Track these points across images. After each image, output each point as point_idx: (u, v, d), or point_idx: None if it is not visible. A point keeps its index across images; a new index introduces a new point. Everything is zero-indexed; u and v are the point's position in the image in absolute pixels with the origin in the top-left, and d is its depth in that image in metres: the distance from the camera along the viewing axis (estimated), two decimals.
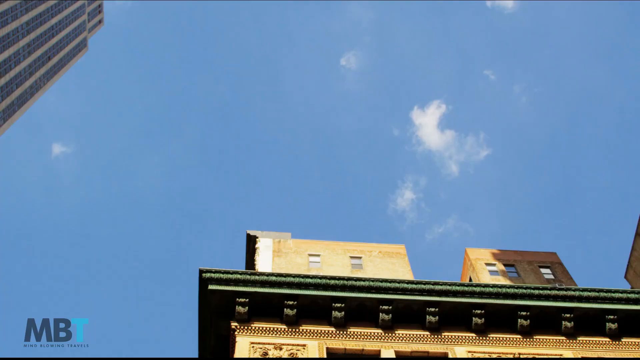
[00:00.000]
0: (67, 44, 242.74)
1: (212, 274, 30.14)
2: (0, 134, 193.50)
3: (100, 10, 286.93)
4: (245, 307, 29.37)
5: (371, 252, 41.72)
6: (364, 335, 29.14)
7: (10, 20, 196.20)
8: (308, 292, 29.95)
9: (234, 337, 28.61)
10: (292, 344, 28.23)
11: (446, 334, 29.67)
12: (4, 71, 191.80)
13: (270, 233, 43.99)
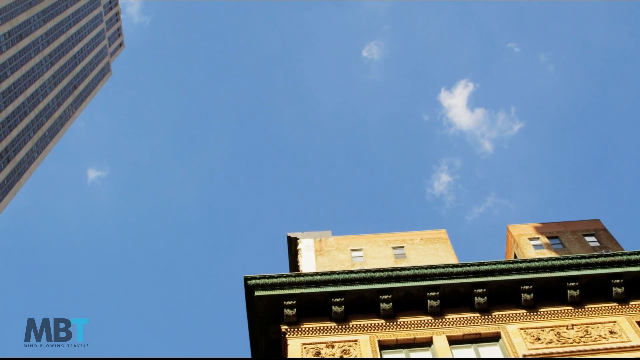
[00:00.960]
0: (91, 71, 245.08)
1: (257, 281, 30.26)
2: (36, 166, 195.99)
3: (120, 33, 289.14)
4: (293, 309, 29.43)
5: (413, 240, 41.57)
6: (414, 323, 29.06)
7: (33, 54, 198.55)
8: (354, 287, 29.91)
9: (285, 340, 28.70)
10: (344, 340, 28.22)
11: (496, 314, 29.47)
12: (33, 105, 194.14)
13: (311, 233, 44.02)
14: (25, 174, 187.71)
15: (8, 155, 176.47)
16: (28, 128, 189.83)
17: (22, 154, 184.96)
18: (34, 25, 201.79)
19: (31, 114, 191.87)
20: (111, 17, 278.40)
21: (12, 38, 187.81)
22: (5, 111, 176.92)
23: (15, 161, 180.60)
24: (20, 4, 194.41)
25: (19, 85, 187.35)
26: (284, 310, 29.55)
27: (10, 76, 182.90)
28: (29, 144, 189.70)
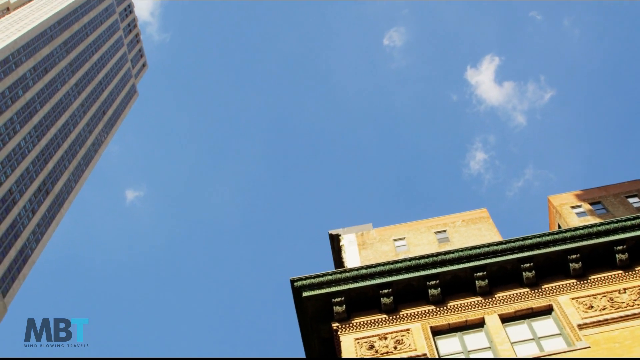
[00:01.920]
0: (117, 95, 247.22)
1: (304, 281, 30.33)
2: (75, 195, 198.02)
3: (142, 54, 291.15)
4: (342, 305, 29.43)
5: (454, 222, 41.35)
6: (465, 306, 28.87)
7: (60, 85, 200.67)
8: (400, 277, 29.83)
9: (338, 337, 28.69)
10: (396, 330, 28.13)
11: (546, 286, 29.14)
12: (65, 135, 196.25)
13: (352, 228, 43.92)
14: (65, 204, 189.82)
15: (47, 188, 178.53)
16: (63, 158, 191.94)
17: (59, 184, 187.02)
18: (58, 57, 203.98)
19: (64, 145, 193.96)
20: (131, 39, 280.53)
21: (38, 72, 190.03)
22: (39, 145, 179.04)
23: (54, 193, 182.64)
24: (42, 37, 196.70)
25: (50, 118, 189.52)
26: (333, 308, 29.56)
27: (40, 110, 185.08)
28: (65, 174, 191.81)
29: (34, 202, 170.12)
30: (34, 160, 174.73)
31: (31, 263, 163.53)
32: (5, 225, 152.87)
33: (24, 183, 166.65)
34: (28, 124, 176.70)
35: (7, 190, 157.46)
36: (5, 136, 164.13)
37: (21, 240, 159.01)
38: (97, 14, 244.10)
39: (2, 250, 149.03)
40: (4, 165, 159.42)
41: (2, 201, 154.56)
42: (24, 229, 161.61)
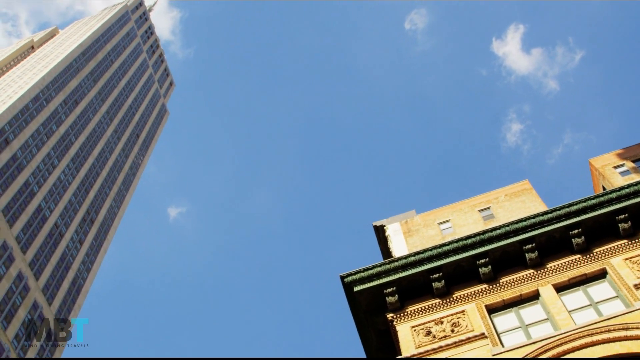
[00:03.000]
0: (148, 117, 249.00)
1: (354, 276, 30.25)
2: (119, 220, 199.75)
3: (168, 74, 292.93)
4: (395, 295, 29.27)
5: (497, 198, 40.88)
6: (517, 280, 28.50)
7: (92, 115, 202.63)
8: (449, 259, 29.61)
9: (394, 328, 28.52)
10: (451, 313, 27.87)
11: (597, 250, 28.63)
12: (102, 163, 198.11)
13: (395, 217, 43.68)
14: (111, 231, 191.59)
15: (91, 217, 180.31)
16: (103, 186, 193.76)
17: (103, 212, 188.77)
18: (86, 87, 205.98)
19: (103, 172, 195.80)
20: (156, 60, 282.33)
21: (69, 105, 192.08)
22: (78, 176, 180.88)
23: (99, 221, 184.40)
24: (69, 70, 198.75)
25: (86, 148, 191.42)
26: (386, 299, 29.42)
27: (76, 141, 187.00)
28: (107, 201, 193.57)
29: (80, 232, 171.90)
30: (76, 192, 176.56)
31: (85, 292, 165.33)
32: (56, 259, 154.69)
33: (68, 215, 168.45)
34: (65, 157, 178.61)
35: (53, 225, 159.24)
36: (45, 172, 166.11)
37: (72, 272, 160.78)
38: (120, 40, 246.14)
39: (55, 284, 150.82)
40: (47, 201, 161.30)
41: (50, 235, 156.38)
42: (73, 260, 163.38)
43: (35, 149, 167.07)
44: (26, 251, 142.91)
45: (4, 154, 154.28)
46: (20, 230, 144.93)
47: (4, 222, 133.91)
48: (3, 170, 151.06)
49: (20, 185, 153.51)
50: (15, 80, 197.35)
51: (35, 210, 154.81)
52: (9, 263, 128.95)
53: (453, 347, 26.08)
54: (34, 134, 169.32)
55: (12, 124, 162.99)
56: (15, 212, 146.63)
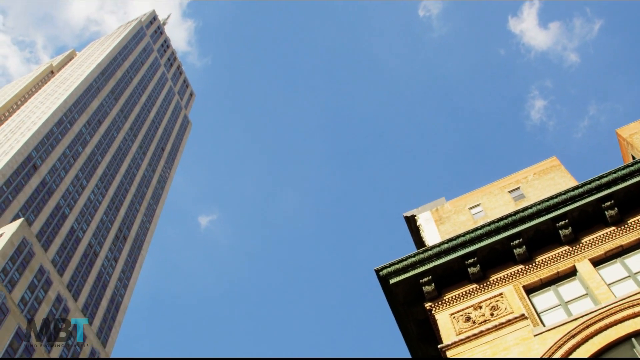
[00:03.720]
0: (172, 129, 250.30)
1: (388, 269, 30.11)
2: (152, 235, 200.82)
3: (187, 84, 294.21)
4: (431, 284, 29.09)
5: (526, 177, 40.49)
6: (553, 258, 28.16)
7: (116, 133, 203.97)
8: (482, 243, 29.35)
9: (433, 317, 28.37)
10: (489, 297, 27.61)
11: (632, 220, 28.14)
12: (130, 179, 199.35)
13: (426, 206, 43.43)
14: (144, 245, 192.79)
15: (123, 234, 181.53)
16: (133, 202, 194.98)
17: (135, 228, 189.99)
18: (108, 106, 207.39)
19: (131, 189, 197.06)
20: (174, 72, 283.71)
21: (93, 125, 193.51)
22: (107, 194, 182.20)
23: (132, 237, 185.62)
24: (90, 91, 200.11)
25: (113, 166, 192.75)
26: (422, 288, 29.26)
27: (102, 161, 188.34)
28: (138, 216, 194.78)
29: (114, 250, 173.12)
30: (106, 210, 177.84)
31: (123, 309, 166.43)
32: (93, 278, 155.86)
33: (101, 234, 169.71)
34: (94, 177, 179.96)
35: (87, 245, 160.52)
36: (74, 193, 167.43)
37: (110, 290, 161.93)
38: (137, 56, 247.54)
39: (94, 303, 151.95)
40: (79, 222, 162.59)
41: (85, 256, 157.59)
42: (110, 278, 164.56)
43: (64, 172, 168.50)
44: (63, 273, 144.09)
45: (33, 179, 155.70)
46: (56, 254, 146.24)
47: (39, 246, 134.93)
48: (33, 195, 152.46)
49: (51, 209, 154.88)
50: (37, 107, 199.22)
51: (69, 232, 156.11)
52: (47, 287, 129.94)
53: (494, 331, 25.87)
54: (60, 157, 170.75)
55: (39, 149, 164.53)
56: (49, 236, 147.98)
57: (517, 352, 24.50)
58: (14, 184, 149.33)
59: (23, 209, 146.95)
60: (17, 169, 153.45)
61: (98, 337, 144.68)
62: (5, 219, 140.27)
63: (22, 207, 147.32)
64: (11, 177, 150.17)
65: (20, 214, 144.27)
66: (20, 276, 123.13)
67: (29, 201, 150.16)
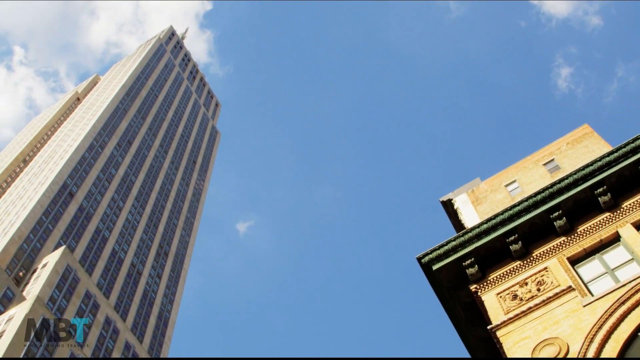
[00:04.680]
0: (201, 142, 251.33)
1: (430, 255, 29.85)
2: (192, 248, 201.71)
3: (212, 95, 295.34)
4: (474, 266, 28.75)
5: (559, 148, 39.87)
6: (594, 226, 27.62)
7: (146, 151, 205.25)
8: (522, 219, 28.92)
9: (479, 298, 28.03)
10: (534, 273, 27.20)
11: None
12: (165, 195, 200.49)
13: (461, 188, 42.96)
14: (186, 259, 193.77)
15: (164, 250, 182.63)
16: (170, 218, 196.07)
17: (175, 243, 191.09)
18: (136, 126, 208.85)
19: (168, 205, 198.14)
20: (198, 85, 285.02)
21: (123, 146, 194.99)
22: (145, 213, 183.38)
23: (172, 252, 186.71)
24: (117, 113, 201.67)
25: (147, 184, 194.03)
26: (466, 271, 28.96)
27: (136, 180, 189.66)
28: (177, 231, 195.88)
29: (156, 267, 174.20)
30: (145, 229, 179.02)
31: (172, 324, 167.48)
32: (139, 297, 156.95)
33: (142, 253, 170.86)
34: (129, 197, 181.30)
35: (130, 265, 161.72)
36: (112, 216, 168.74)
37: (157, 307, 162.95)
38: (159, 74, 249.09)
39: (142, 321, 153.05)
40: (120, 243, 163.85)
41: (129, 276, 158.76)
42: (155, 295, 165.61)
43: (99, 196, 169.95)
44: (109, 295, 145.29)
45: (70, 206, 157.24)
46: (100, 277, 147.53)
47: (83, 272, 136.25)
48: (73, 222, 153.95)
49: (91, 234, 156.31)
50: (67, 134, 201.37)
51: (111, 254, 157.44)
52: (95, 310, 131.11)
53: (542, 306, 25.48)
54: (95, 181, 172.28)
55: (73, 176, 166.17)
56: (92, 260, 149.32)
57: (568, 325, 24.14)
58: (52, 213, 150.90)
59: (64, 236, 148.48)
60: (54, 198, 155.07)
61: (150, 354, 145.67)
62: (47, 248, 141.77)
63: (63, 234, 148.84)
64: (49, 206, 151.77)
65: (62, 242, 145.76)
66: (68, 303, 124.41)
67: (68, 228, 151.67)
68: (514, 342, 24.86)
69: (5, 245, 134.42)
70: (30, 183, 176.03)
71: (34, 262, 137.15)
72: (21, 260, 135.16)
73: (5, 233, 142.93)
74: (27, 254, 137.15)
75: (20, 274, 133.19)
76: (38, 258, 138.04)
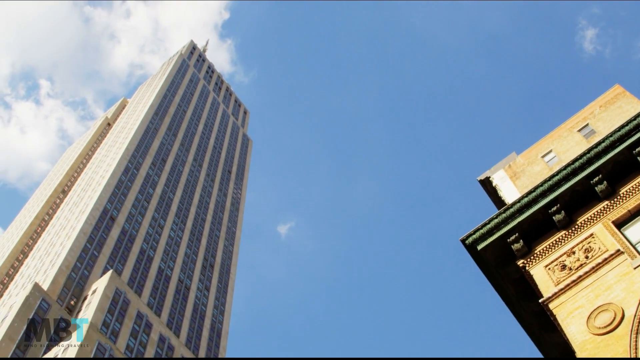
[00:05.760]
0: (234, 151, 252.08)
1: (473, 236, 29.47)
2: (236, 257, 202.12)
3: (240, 104, 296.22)
4: (519, 241, 28.29)
5: (592, 112, 39.11)
6: (637, 187, 26.92)
7: (181, 167, 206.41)
8: (562, 188, 28.37)
9: (528, 272, 27.58)
10: (580, 241, 26.68)
11: None
12: (204, 208, 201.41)
13: (497, 165, 42.35)
14: (232, 269, 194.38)
15: (209, 262, 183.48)
16: (212, 229, 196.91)
17: (219, 254, 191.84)
18: (168, 143, 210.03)
19: (208, 217, 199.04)
20: (224, 95, 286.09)
21: (158, 165, 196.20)
22: (186, 227, 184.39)
23: (218, 263, 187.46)
24: (148, 133, 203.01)
25: (185, 200, 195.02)
26: (511, 247, 28.54)
27: (174, 196, 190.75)
28: (220, 242, 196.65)
29: (204, 280, 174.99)
30: (188, 243, 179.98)
31: (225, 334, 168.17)
32: (189, 312, 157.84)
33: (188, 268, 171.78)
34: (169, 215, 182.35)
35: (177, 281, 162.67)
36: (155, 235, 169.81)
37: (208, 319, 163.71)
38: (185, 89, 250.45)
39: (196, 335, 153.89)
40: (165, 261, 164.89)
41: (177, 292, 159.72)
42: (206, 308, 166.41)
43: (140, 217, 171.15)
44: (160, 313, 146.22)
45: (113, 230, 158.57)
46: (150, 296, 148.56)
47: (132, 293, 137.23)
48: (117, 246, 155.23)
49: (136, 255, 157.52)
50: (102, 160, 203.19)
51: (157, 273, 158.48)
52: (148, 330, 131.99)
53: (592, 273, 25.01)
54: (134, 203, 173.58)
55: (112, 200, 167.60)
56: (139, 281, 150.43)
57: (620, 289, 23.69)
58: (96, 239, 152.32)
59: (110, 260, 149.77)
60: (96, 224, 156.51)
61: None
62: (95, 274, 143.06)
63: (109, 259, 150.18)
64: (92, 233, 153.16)
65: (108, 266, 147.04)
66: (121, 325, 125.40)
67: (113, 252, 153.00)
68: (567, 313, 24.45)
69: (54, 277, 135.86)
70: (71, 212, 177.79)
71: (83, 289, 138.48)
72: (71, 289, 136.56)
73: (53, 264, 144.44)
74: (76, 282, 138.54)
75: (71, 303, 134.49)
76: (87, 285, 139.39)
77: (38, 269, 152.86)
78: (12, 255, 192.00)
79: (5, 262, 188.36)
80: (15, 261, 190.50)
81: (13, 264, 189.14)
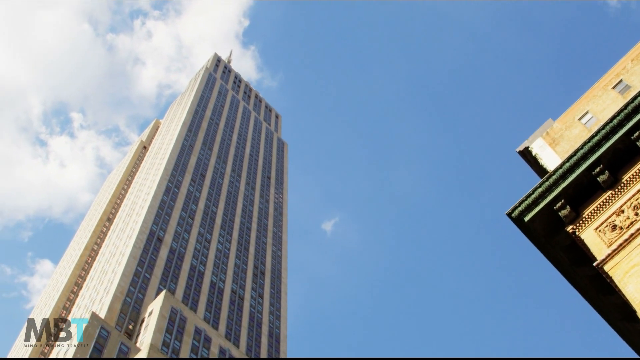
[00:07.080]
0: (270, 156, 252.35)
1: (519, 208, 28.88)
2: (286, 261, 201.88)
3: (270, 109, 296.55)
4: (566, 207, 27.60)
5: (625, 67, 38.10)
6: None
7: (220, 180, 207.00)
8: (603, 148, 27.62)
9: (578, 238, 26.87)
10: (628, 198, 25.94)
11: None
12: (248, 216, 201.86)
13: (535, 134, 41.47)
14: (283, 273, 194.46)
15: (260, 270, 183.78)
16: (258, 237, 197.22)
17: (268, 260, 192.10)
18: (205, 158, 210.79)
19: (253, 225, 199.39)
20: (254, 102, 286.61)
21: (198, 181, 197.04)
22: (233, 238, 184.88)
23: (268, 269, 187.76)
24: (184, 151, 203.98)
25: (228, 211, 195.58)
26: (559, 214, 27.84)
27: (217, 209, 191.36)
28: (268, 248, 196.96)
29: (256, 287, 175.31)
30: (237, 254, 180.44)
31: (284, 339, 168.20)
32: (246, 321, 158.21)
33: (239, 277, 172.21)
34: (215, 228, 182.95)
35: (230, 292, 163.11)
36: (203, 250, 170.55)
37: (265, 326, 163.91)
38: (215, 102, 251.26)
39: (255, 343, 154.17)
40: (216, 274, 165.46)
41: (232, 303, 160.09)
42: (262, 315, 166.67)
43: (186, 234, 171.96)
44: (217, 326, 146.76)
45: (162, 251, 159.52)
46: (205, 311, 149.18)
47: (188, 310, 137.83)
48: (167, 265, 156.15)
49: (187, 272, 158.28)
50: (143, 183, 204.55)
51: (210, 287, 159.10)
52: (208, 344, 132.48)
53: None
54: (179, 221, 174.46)
55: (157, 222, 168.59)
56: (193, 297, 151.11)
57: None
58: (146, 262, 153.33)
59: (162, 281, 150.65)
60: (144, 247, 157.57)
61: None
62: (149, 296, 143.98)
63: (161, 279, 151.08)
64: (142, 256, 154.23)
65: (161, 287, 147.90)
66: (180, 343, 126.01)
67: (164, 272, 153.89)
68: (624, 273, 23.79)
69: (110, 304, 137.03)
70: (118, 238, 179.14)
71: (139, 312, 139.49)
72: (127, 313, 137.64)
73: (107, 292, 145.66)
74: (131, 306, 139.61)
75: (130, 327, 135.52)
76: (143, 308, 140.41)
77: (93, 299, 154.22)
78: (67, 289, 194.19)
79: (61, 296, 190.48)
80: (70, 294, 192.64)
81: (69, 297, 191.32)
